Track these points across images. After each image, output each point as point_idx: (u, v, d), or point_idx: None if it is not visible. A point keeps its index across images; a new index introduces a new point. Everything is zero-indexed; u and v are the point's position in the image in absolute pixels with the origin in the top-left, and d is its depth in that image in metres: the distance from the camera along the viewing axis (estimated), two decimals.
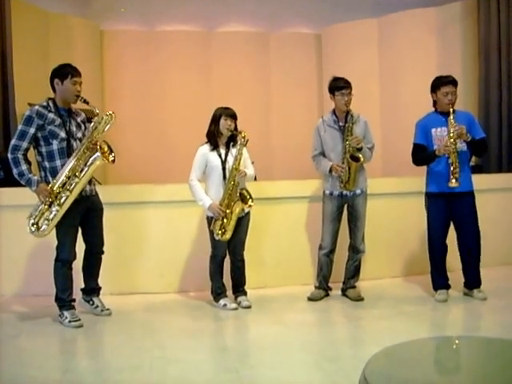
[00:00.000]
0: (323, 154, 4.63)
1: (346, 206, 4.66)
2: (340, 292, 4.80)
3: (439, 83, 4.45)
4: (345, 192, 4.55)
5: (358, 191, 4.58)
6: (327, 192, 4.64)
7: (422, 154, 4.54)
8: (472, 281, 4.59)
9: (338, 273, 4.82)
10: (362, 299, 4.61)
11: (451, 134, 4.27)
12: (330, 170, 4.51)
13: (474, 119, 4.58)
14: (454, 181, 4.25)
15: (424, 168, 4.61)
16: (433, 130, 4.48)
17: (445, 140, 4.32)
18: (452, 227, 4.57)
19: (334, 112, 4.63)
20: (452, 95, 4.38)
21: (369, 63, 7.79)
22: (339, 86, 4.54)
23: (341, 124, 4.56)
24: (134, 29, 8.12)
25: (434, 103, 4.54)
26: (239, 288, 4.59)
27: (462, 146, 4.38)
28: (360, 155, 4.44)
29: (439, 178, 4.40)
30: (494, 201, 5.71)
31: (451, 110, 4.32)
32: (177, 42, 8.09)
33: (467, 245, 4.53)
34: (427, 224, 4.58)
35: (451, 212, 4.48)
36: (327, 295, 4.76)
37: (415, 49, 7.33)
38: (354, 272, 4.73)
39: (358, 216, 4.62)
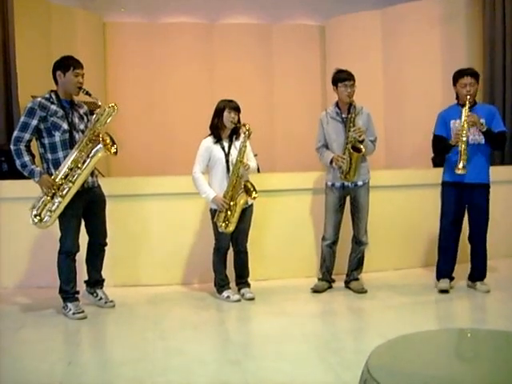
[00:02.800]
0: (326, 145, 4.64)
1: (348, 198, 4.66)
2: (343, 284, 4.80)
3: (458, 75, 4.47)
4: (346, 183, 4.55)
5: (360, 183, 4.58)
6: (329, 183, 4.65)
7: (440, 144, 4.56)
8: (476, 273, 4.59)
9: (341, 265, 4.83)
10: (365, 291, 4.61)
11: (463, 122, 4.27)
12: (331, 162, 4.52)
13: (496, 112, 4.56)
14: (460, 166, 4.25)
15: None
16: (451, 122, 4.48)
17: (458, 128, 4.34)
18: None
19: (337, 104, 4.63)
20: (470, 86, 4.38)
21: (373, 55, 7.75)
22: (342, 77, 4.54)
23: (344, 116, 4.56)
24: (136, 21, 8.11)
25: (457, 95, 4.54)
26: (242, 280, 4.60)
27: (479, 138, 4.38)
28: (361, 146, 4.44)
29: (454, 168, 4.38)
30: (497, 193, 5.68)
31: (467, 101, 4.32)
32: (179, 33, 8.07)
33: (476, 235, 4.54)
34: (440, 211, 4.59)
35: (465, 202, 4.50)
36: (330, 287, 4.77)
37: (419, 41, 7.29)
38: (357, 264, 4.73)
39: (360, 208, 4.62)
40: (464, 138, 4.25)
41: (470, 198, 4.47)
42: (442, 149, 4.55)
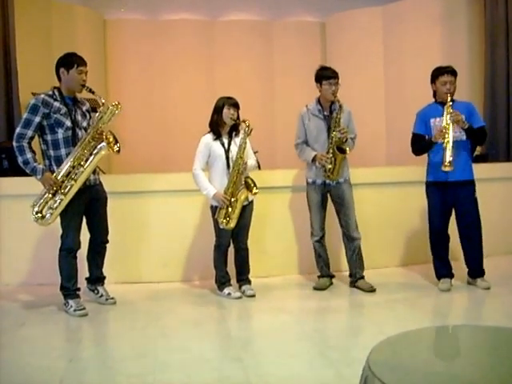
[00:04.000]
0: (306, 142, 4.63)
1: (329, 195, 4.65)
2: (343, 281, 4.81)
3: (437, 73, 4.46)
4: (328, 181, 4.55)
5: (341, 179, 4.56)
6: (310, 180, 4.65)
7: (421, 142, 4.56)
8: (475, 270, 4.59)
9: (337, 262, 4.83)
10: (374, 290, 4.54)
11: (447, 120, 4.28)
12: (314, 159, 4.51)
13: (474, 108, 4.57)
14: (447, 164, 4.23)
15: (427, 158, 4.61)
16: (431, 120, 4.49)
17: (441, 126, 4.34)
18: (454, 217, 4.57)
19: (318, 101, 4.61)
20: (450, 85, 4.38)
21: (373, 52, 7.75)
22: (327, 75, 4.51)
23: (325, 113, 4.55)
24: (137, 18, 8.09)
25: (434, 94, 4.54)
26: (243, 276, 4.61)
27: (461, 135, 4.38)
28: (346, 147, 4.44)
29: (437, 168, 4.38)
30: (500, 189, 5.71)
31: (449, 98, 4.33)
32: (180, 30, 8.07)
33: (467, 234, 4.53)
34: (427, 212, 4.60)
35: (451, 201, 4.48)
36: (331, 283, 4.76)
37: (420, 37, 7.29)
38: (358, 262, 4.67)
39: (345, 204, 4.59)
40: (449, 134, 4.25)
41: (457, 196, 4.44)
42: (423, 147, 4.55)
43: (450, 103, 4.33)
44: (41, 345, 3.50)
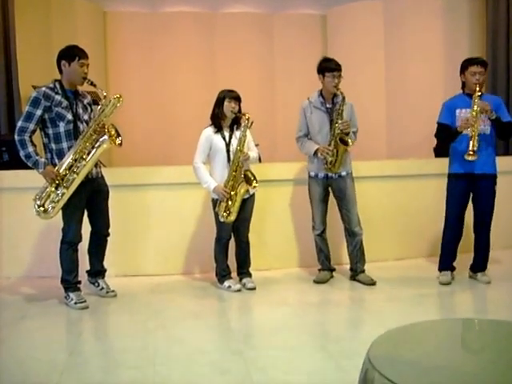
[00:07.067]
0: (307, 135, 4.61)
1: (330, 189, 4.63)
2: (343, 274, 4.81)
3: (467, 63, 4.42)
4: (330, 174, 4.53)
5: (344, 173, 4.54)
6: (312, 174, 4.63)
7: (446, 132, 4.50)
8: (478, 264, 4.59)
9: (338, 255, 4.83)
10: (374, 283, 4.55)
11: (474, 108, 4.24)
12: (315, 153, 4.49)
13: (502, 103, 4.52)
14: (471, 153, 4.19)
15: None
16: (457, 111, 4.44)
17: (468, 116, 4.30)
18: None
19: (321, 93, 4.58)
20: (480, 75, 4.34)
21: (374, 45, 7.71)
22: (330, 68, 4.48)
23: (328, 106, 4.53)
24: (137, 10, 8.05)
25: (463, 85, 4.50)
26: (244, 269, 4.61)
27: (485, 128, 4.35)
28: (349, 139, 4.42)
29: (461, 159, 4.32)
30: (501, 183, 5.69)
31: (477, 88, 4.30)
32: (180, 23, 8.03)
33: (479, 227, 4.52)
34: (446, 203, 4.55)
35: (471, 193, 4.47)
36: (332, 277, 4.77)
37: (421, 31, 7.24)
38: (359, 256, 4.66)
39: (347, 199, 4.57)
40: (476, 124, 4.20)
41: (477, 188, 4.43)
42: (448, 136, 4.48)
43: (479, 94, 4.29)
44: (41, 337, 3.51)
